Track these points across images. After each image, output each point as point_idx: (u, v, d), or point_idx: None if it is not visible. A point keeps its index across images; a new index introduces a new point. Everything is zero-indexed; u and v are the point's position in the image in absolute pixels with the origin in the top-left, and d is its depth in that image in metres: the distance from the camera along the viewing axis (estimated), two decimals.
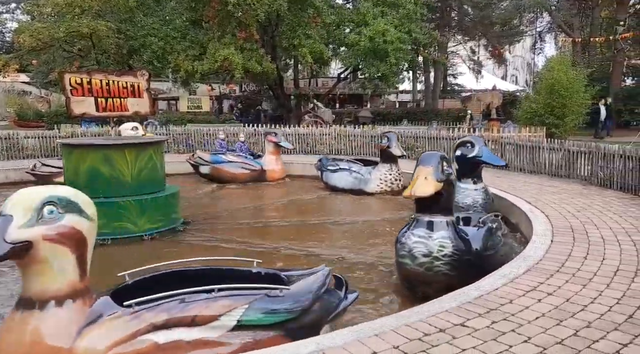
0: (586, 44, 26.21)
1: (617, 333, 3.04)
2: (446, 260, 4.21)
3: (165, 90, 35.30)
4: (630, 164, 7.73)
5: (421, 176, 4.18)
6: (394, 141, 9.32)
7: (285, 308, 3.16)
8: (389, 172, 9.36)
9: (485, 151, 6.68)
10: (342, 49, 21.13)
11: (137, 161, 6.54)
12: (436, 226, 4.28)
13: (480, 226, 4.70)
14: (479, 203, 6.67)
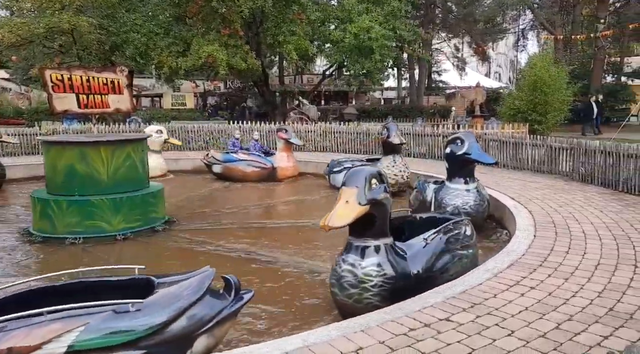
0: (568, 41, 26.55)
1: (598, 326, 3.09)
2: (376, 291, 3.68)
3: (148, 87, 34.90)
4: (610, 160, 7.86)
5: (342, 199, 3.64)
6: (393, 131, 8.79)
7: (135, 324, 2.73)
8: (392, 164, 8.75)
9: (475, 148, 6.19)
10: (327, 45, 21.10)
11: (114, 159, 6.43)
12: (367, 252, 3.76)
13: (428, 243, 4.13)
14: (470, 205, 6.17)
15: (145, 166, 7.02)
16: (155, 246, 6.33)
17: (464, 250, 4.40)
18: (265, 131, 14.47)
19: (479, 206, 6.26)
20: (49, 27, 17.47)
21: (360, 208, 3.60)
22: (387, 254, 3.81)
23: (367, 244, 3.78)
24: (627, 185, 7.52)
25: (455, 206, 6.11)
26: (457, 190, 6.26)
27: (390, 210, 3.96)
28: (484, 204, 6.34)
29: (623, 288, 3.70)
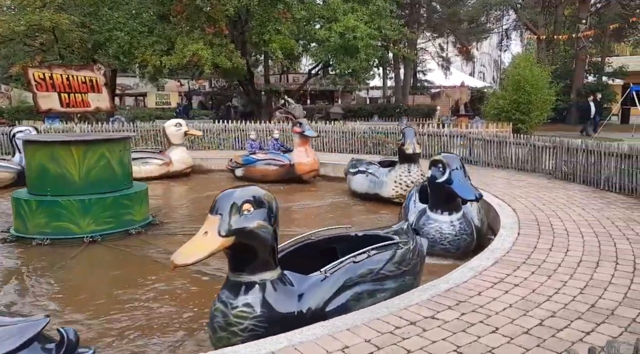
0: (550, 41, 26.91)
1: (581, 322, 3.13)
2: (246, 336, 3.05)
3: (132, 85, 34.56)
4: (592, 158, 7.99)
5: (203, 229, 3.04)
6: (409, 137, 7.81)
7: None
8: (406, 174, 7.86)
9: (457, 177, 5.23)
10: (313, 44, 21.08)
11: (86, 159, 6.26)
12: (241, 290, 3.14)
13: (327, 277, 3.46)
14: (449, 240, 5.37)
15: (125, 167, 6.80)
16: (117, 252, 5.98)
17: (383, 283, 3.67)
18: (251, 130, 14.39)
19: (460, 241, 5.39)
20: (30, 24, 17.19)
21: (220, 241, 2.97)
22: (265, 292, 3.15)
23: (241, 280, 3.16)
24: (608, 183, 7.64)
25: (432, 239, 5.29)
26: (437, 221, 5.44)
27: (276, 238, 3.26)
28: (467, 238, 5.42)
29: (604, 285, 3.76)
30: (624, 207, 6.44)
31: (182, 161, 11.22)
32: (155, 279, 4.95)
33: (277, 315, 3.16)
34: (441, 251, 5.41)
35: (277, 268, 3.30)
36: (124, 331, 3.85)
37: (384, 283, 3.68)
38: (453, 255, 5.41)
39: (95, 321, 4.01)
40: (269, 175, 10.34)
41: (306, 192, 9.93)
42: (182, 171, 11.21)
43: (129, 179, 7.00)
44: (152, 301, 4.42)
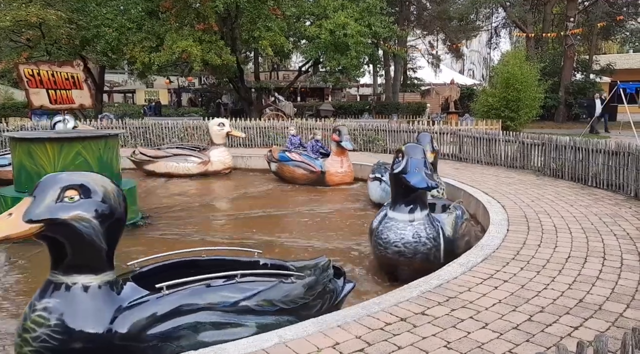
0: (539, 39, 27.10)
1: (569, 317, 3.16)
2: (37, 346, 2.60)
3: (120, 82, 34.28)
4: (580, 155, 8.06)
5: (12, 209, 2.67)
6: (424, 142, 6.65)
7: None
8: None
9: (412, 166, 4.53)
10: (303, 41, 21.06)
11: (61, 157, 6.15)
12: (50, 290, 2.70)
13: (163, 295, 2.91)
14: (405, 242, 4.51)
15: (106, 165, 6.53)
16: None
17: (242, 317, 3.04)
18: (241, 127, 14.36)
19: (419, 245, 4.52)
20: (16, 20, 16.97)
21: (22, 227, 2.55)
22: (70, 299, 2.66)
23: (52, 280, 2.72)
24: (596, 180, 7.72)
25: (388, 241, 4.60)
26: (393, 219, 4.68)
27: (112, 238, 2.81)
28: (428, 244, 4.54)
29: (592, 280, 3.80)
30: (612, 204, 6.51)
31: (221, 161, 11.06)
32: None
33: (75, 331, 2.61)
34: (394, 255, 4.55)
35: (109, 273, 2.81)
36: None
37: (244, 317, 3.04)
38: (409, 263, 4.55)
39: None
40: (298, 178, 9.94)
41: (315, 194, 9.30)
42: (220, 171, 11.04)
43: (111, 178, 6.63)
44: None
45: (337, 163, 9.69)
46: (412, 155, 4.61)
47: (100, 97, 23.95)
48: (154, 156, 11.10)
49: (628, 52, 41.95)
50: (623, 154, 7.14)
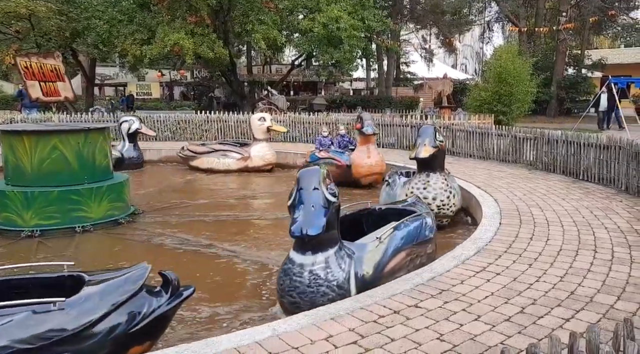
0: (531, 33, 27.15)
1: (560, 309, 3.18)
2: None
3: (112, 75, 34.00)
4: (571, 149, 8.10)
5: None
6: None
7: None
8: (421, 187, 6.01)
9: (299, 200, 3.61)
10: (296, 35, 20.94)
11: (37, 150, 6.10)
12: None
13: None
14: (306, 295, 3.54)
15: (86, 160, 6.40)
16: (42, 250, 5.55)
17: None
18: (232, 121, 14.30)
19: (316, 295, 3.56)
20: (5, 11, 16.74)
21: None
22: None
23: None
24: (587, 173, 7.77)
25: (283, 289, 3.66)
26: (292, 263, 3.68)
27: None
28: (329, 293, 3.57)
29: (584, 273, 3.83)
30: (603, 197, 6.56)
31: (261, 157, 10.64)
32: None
33: None
34: (290, 305, 3.58)
35: None
36: None
37: None
38: None
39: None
40: None
41: None
42: (260, 167, 10.64)
43: (89, 172, 6.46)
44: None
45: (363, 154, 8.75)
46: (303, 185, 3.61)
47: (92, 91, 23.74)
48: (197, 151, 11.01)
49: (619, 47, 42.18)
50: (614, 148, 7.19)
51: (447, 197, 6.03)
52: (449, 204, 6.06)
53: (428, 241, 4.46)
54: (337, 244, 3.72)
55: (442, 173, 6.19)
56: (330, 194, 3.60)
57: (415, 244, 4.25)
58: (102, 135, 6.70)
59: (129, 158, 11.06)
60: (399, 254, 4.06)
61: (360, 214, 4.83)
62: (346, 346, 2.71)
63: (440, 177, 6.10)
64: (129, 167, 10.71)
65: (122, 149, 11.00)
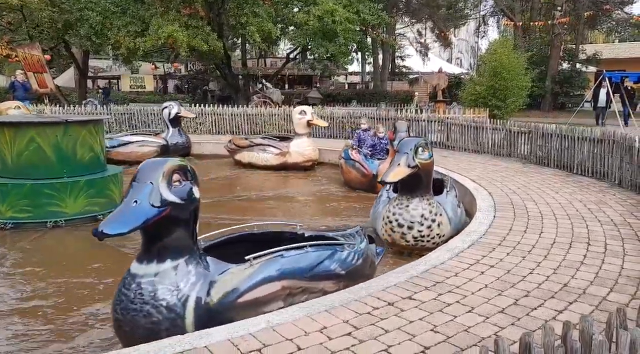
0: (527, 28, 27.17)
1: (554, 301, 3.20)
2: None
3: (105, 68, 33.71)
4: (565, 143, 8.13)
5: None
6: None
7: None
8: (399, 209, 5.03)
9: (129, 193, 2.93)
10: (291, 28, 20.82)
11: (16, 142, 6.03)
12: None
13: None
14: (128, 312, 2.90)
15: (65, 154, 6.25)
16: None
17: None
18: (227, 114, 14.24)
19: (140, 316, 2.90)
20: None
21: None
22: None
23: None
24: (581, 167, 7.80)
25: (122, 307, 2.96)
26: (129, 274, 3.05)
27: None
28: (156, 316, 2.89)
29: (577, 265, 3.84)
30: (596, 191, 6.59)
31: (300, 152, 9.93)
32: None
33: None
34: (114, 323, 3.04)
35: None
36: None
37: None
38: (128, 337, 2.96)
39: None
40: (351, 181, 8.48)
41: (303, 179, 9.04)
42: (300, 163, 10.00)
43: (70, 166, 6.31)
44: None
45: None
46: (138, 177, 2.95)
47: (85, 83, 23.54)
48: (240, 145, 10.73)
49: (614, 42, 42.30)
50: (608, 142, 7.21)
51: (427, 227, 4.93)
52: (430, 236, 4.96)
53: (331, 278, 3.59)
54: (183, 256, 3.01)
55: (426, 198, 5.00)
56: (175, 194, 2.92)
57: (307, 277, 3.44)
58: (85, 128, 6.42)
59: (174, 144, 10.81)
60: (271, 284, 3.26)
61: (276, 235, 3.96)
62: (340, 338, 2.71)
63: (422, 203, 4.97)
64: (175, 153, 10.45)
65: (167, 135, 10.81)
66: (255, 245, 3.54)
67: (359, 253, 3.86)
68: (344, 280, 3.65)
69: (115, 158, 10.13)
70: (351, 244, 3.89)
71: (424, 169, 4.89)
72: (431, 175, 5.14)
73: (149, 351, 2.54)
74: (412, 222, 4.93)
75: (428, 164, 4.97)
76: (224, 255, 3.31)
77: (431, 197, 5.10)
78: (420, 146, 4.90)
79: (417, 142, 4.92)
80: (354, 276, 3.71)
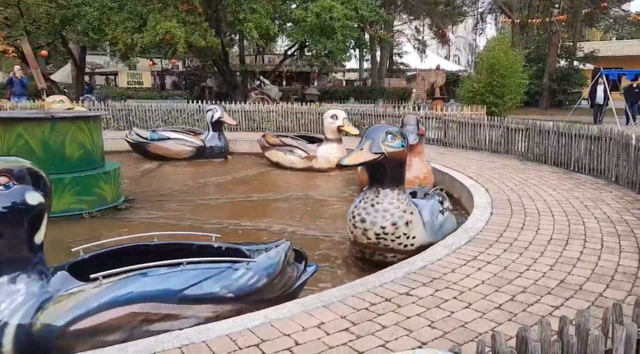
0: (524, 25, 27.17)
1: (550, 297, 3.21)
2: None
3: (102, 64, 33.62)
4: (563, 140, 8.15)
5: None
6: None
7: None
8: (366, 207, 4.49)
9: None
10: (289, 24, 20.81)
11: (5, 137, 6.06)
12: None
13: None
14: None
15: (54, 150, 6.19)
16: None
17: None
18: (226, 110, 14.19)
19: None
20: None
21: None
22: None
23: None
24: (578, 164, 7.82)
25: None
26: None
27: None
28: None
29: (573, 261, 3.86)
30: (593, 188, 6.61)
31: (327, 159, 9.33)
32: None
33: None
34: None
35: None
36: None
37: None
38: None
39: None
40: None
41: None
42: (326, 169, 9.47)
43: (62, 163, 6.21)
44: None
45: (419, 166, 6.91)
46: None
47: (82, 79, 23.48)
48: (270, 143, 10.29)
49: (611, 39, 42.35)
50: (605, 139, 7.23)
51: (392, 224, 4.29)
52: (394, 235, 4.31)
53: (213, 301, 3.01)
54: (10, 273, 2.62)
55: (397, 190, 4.43)
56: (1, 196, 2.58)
57: (174, 300, 2.88)
58: (74, 125, 6.31)
59: (210, 147, 10.76)
60: (118, 309, 2.74)
61: (182, 247, 3.49)
62: (338, 333, 2.72)
63: (391, 195, 4.39)
64: (211, 156, 10.69)
65: (205, 137, 10.80)
66: (151, 257, 3.05)
67: (263, 273, 3.22)
68: (235, 303, 3.08)
69: (152, 151, 10.49)
70: (251, 261, 3.22)
71: (392, 159, 4.36)
72: (403, 167, 4.56)
73: (146, 346, 2.55)
74: (375, 217, 4.33)
75: (397, 153, 4.38)
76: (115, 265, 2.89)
77: (402, 193, 4.46)
78: (391, 133, 4.36)
79: (387, 128, 4.44)
80: (252, 299, 3.14)
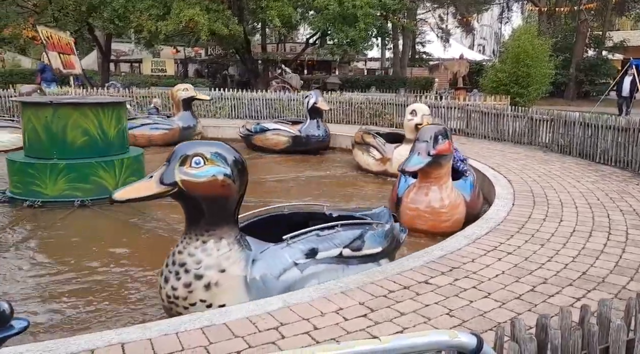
0: (551, 13, 26.53)
1: (571, 288, 3.18)
2: None
3: (127, 51, 33.98)
4: (589, 132, 7.99)
5: None
6: None
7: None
8: None
9: None
10: (311, 12, 20.70)
11: (23, 120, 6.50)
12: None
13: None
14: None
15: (55, 135, 6.21)
16: None
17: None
18: (246, 99, 14.28)
19: None
20: None
21: None
22: None
23: None
24: (604, 156, 7.66)
25: None
26: None
27: None
28: None
29: (596, 253, 3.81)
30: (619, 180, 6.48)
31: (400, 161, 7.18)
32: None
33: None
34: None
35: None
36: None
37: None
38: None
39: None
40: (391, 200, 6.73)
41: None
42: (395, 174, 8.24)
43: (64, 149, 6.22)
44: None
45: (421, 190, 5.26)
46: None
47: (107, 66, 23.80)
48: (356, 141, 9.09)
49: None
50: (633, 130, 7.06)
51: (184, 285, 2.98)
52: (189, 302, 2.98)
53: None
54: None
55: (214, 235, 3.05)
56: None
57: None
58: (77, 111, 6.24)
59: (306, 136, 9.91)
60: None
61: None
62: (356, 319, 2.74)
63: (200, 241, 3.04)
64: (308, 146, 9.94)
65: (302, 127, 9.98)
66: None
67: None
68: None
69: (256, 144, 10.41)
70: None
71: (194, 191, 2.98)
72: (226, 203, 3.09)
73: (169, 324, 2.61)
74: (170, 272, 3.04)
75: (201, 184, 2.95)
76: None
77: (224, 240, 3.07)
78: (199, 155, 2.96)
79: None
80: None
